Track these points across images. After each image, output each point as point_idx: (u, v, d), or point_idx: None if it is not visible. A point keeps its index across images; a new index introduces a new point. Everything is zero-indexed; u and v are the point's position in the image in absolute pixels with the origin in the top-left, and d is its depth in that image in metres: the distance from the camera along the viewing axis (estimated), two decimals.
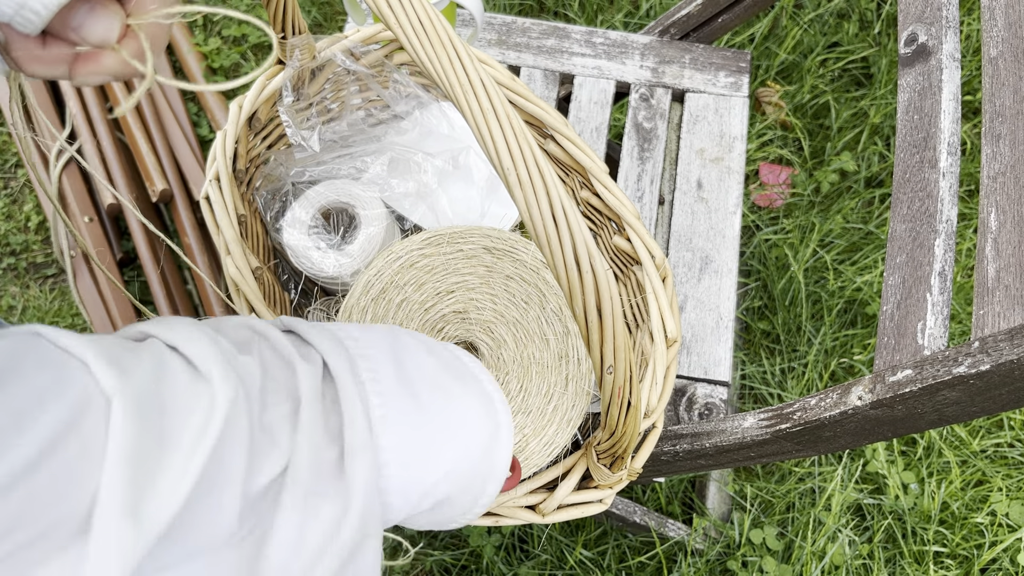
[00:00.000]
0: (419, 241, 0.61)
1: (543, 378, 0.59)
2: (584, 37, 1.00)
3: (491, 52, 0.99)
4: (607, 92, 0.97)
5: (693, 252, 0.88)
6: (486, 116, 0.41)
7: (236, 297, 0.67)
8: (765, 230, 1.37)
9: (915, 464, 1.20)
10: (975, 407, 0.50)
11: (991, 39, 0.57)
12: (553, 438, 0.58)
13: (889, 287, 0.56)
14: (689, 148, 0.93)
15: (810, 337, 1.29)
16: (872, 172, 1.42)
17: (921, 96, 0.61)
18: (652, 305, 0.68)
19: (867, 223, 1.37)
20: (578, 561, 1.14)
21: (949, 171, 0.57)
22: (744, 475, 1.22)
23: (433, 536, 1.19)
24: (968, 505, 1.17)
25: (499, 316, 0.60)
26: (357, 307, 0.60)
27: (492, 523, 0.61)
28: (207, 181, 0.69)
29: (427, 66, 0.42)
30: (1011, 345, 0.44)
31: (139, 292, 1.34)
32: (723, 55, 0.99)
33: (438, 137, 0.75)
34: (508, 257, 0.60)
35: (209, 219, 0.68)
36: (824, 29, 1.52)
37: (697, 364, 0.82)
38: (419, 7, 0.43)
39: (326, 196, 0.72)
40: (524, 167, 0.41)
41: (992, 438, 1.22)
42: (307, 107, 0.74)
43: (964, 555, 1.15)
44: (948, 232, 0.55)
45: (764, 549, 1.14)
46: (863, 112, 1.47)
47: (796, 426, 0.58)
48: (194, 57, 1.50)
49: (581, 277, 0.42)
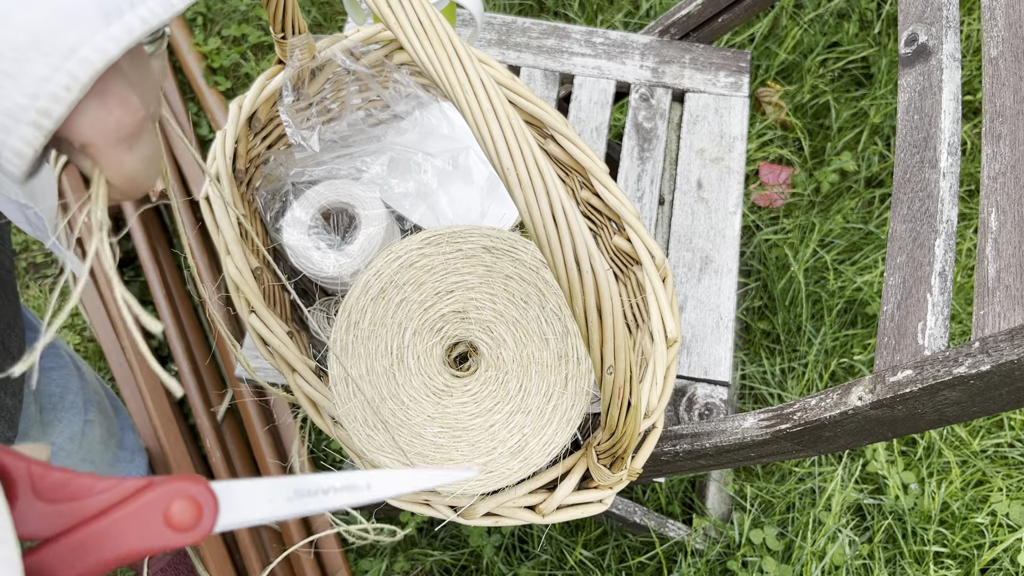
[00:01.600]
0: (418, 241, 0.60)
1: (543, 377, 0.58)
2: (584, 37, 1.00)
3: (491, 52, 0.99)
4: (607, 92, 0.97)
5: (693, 252, 0.87)
6: (486, 117, 0.41)
7: (236, 297, 0.67)
8: (765, 230, 1.37)
9: (915, 464, 1.20)
10: (975, 407, 0.50)
11: (991, 39, 0.57)
12: (552, 438, 0.58)
13: (889, 287, 0.56)
14: (689, 148, 0.93)
15: (810, 337, 1.29)
16: (872, 172, 1.42)
17: (921, 96, 0.61)
18: (652, 305, 0.68)
19: (867, 223, 1.37)
20: (578, 561, 1.14)
21: (949, 171, 0.57)
22: (744, 475, 1.22)
23: (433, 536, 1.19)
24: (968, 505, 1.17)
25: (498, 315, 0.60)
26: (356, 306, 0.60)
27: (492, 523, 0.61)
28: (207, 181, 0.69)
29: (427, 66, 0.42)
30: (1011, 345, 0.44)
31: (139, 292, 1.34)
32: (723, 55, 0.98)
33: (438, 137, 0.75)
34: (507, 257, 0.60)
35: (209, 219, 0.68)
36: (824, 29, 1.52)
37: (697, 364, 0.82)
38: (419, 7, 0.43)
39: (326, 196, 0.72)
40: (524, 167, 0.41)
41: (992, 438, 1.22)
42: (307, 107, 0.74)
43: (964, 555, 1.15)
44: (948, 232, 0.55)
45: (764, 549, 1.14)
46: (863, 112, 1.47)
47: (796, 426, 0.58)
48: (194, 57, 1.50)
49: (581, 277, 0.42)
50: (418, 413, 0.59)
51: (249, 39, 1.55)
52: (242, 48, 1.54)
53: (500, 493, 0.59)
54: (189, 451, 1.19)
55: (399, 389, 0.59)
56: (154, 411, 1.20)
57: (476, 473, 0.52)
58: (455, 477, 0.37)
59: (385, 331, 0.60)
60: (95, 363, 1.30)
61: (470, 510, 0.59)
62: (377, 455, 0.58)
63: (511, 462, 0.57)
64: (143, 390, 1.21)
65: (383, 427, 0.58)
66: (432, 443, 0.58)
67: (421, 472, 0.36)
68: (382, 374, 0.59)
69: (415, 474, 0.36)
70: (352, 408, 0.59)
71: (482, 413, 0.59)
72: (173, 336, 1.25)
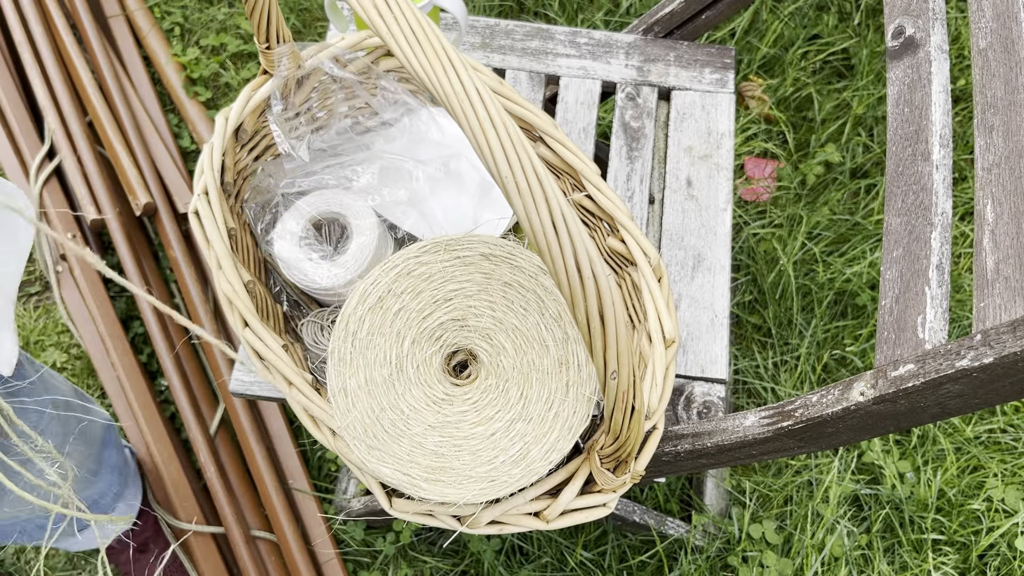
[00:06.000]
0: (416, 249, 0.60)
1: (543, 384, 0.58)
2: (568, 38, 0.99)
3: (475, 55, 0.99)
4: (593, 92, 0.97)
5: (685, 250, 0.87)
6: (483, 125, 0.40)
7: (229, 312, 0.66)
8: (752, 225, 1.37)
9: (910, 453, 1.20)
10: (978, 399, 0.50)
11: (980, 30, 0.57)
12: (555, 445, 0.57)
13: (887, 281, 0.56)
14: (677, 146, 0.93)
15: (801, 330, 1.29)
16: (857, 163, 1.43)
17: (911, 89, 0.61)
18: (649, 306, 0.67)
19: (854, 214, 1.38)
20: (578, 562, 1.14)
21: (942, 163, 0.57)
22: (741, 470, 1.22)
23: (432, 543, 1.19)
24: (964, 492, 1.18)
25: (498, 323, 0.59)
26: (354, 316, 0.60)
27: (496, 531, 0.61)
28: (195, 195, 0.68)
29: (421, 76, 0.42)
30: (1014, 337, 0.44)
31: (125, 307, 1.33)
32: (708, 52, 0.98)
33: (428, 144, 0.74)
34: (506, 263, 0.59)
35: (199, 234, 0.67)
36: (804, 22, 1.52)
37: (693, 362, 0.82)
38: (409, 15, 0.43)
39: (317, 206, 0.71)
40: (522, 174, 0.41)
41: (985, 424, 1.22)
42: (294, 116, 0.74)
43: (962, 542, 1.15)
44: (944, 225, 0.55)
45: (764, 543, 1.14)
46: (846, 103, 1.47)
47: (798, 423, 0.58)
48: (173, 68, 1.49)
49: (583, 283, 0.41)
50: (418, 423, 0.58)
51: (228, 48, 1.54)
52: (221, 58, 1.53)
53: (504, 500, 0.59)
54: (183, 466, 1.18)
55: (399, 399, 0.59)
56: (146, 427, 1.19)
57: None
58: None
59: (384, 340, 0.60)
60: (83, 380, 1.28)
61: (475, 520, 0.59)
62: (377, 466, 0.57)
63: (513, 470, 0.57)
64: (134, 407, 1.20)
65: (383, 438, 0.58)
66: (433, 452, 0.58)
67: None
68: (381, 384, 0.59)
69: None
70: (351, 419, 0.58)
71: (483, 421, 0.58)
72: (163, 351, 1.24)
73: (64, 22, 1.45)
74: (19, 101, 1.40)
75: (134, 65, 1.49)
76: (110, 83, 1.41)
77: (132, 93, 1.44)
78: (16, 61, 1.45)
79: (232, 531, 1.15)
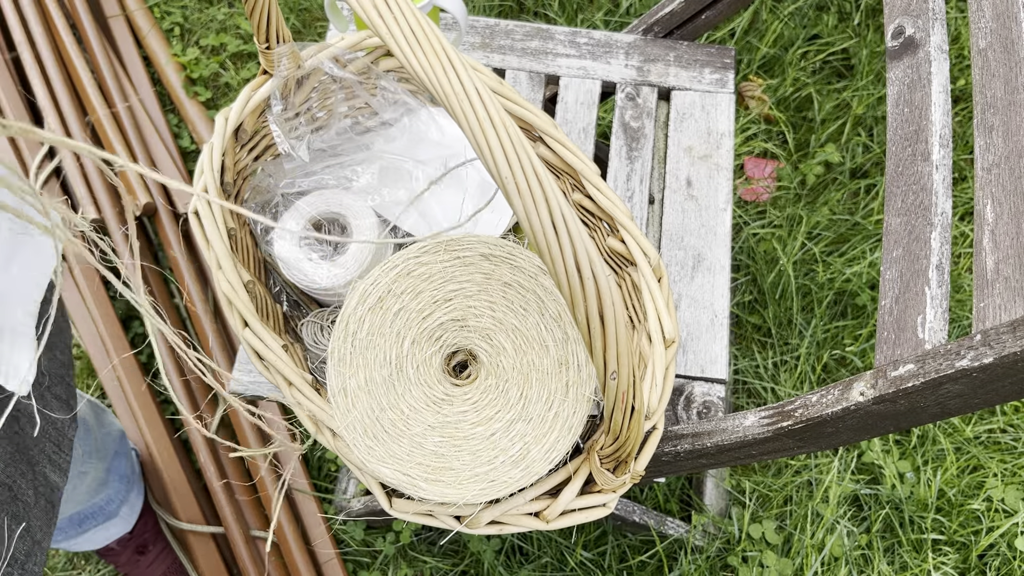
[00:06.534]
0: (416, 249, 0.60)
1: (543, 385, 0.58)
2: (568, 38, 0.99)
3: (475, 55, 0.99)
4: (593, 92, 0.97)
5: (685, 250, 0.87)
6: (483, 126, 0.40)
7: (229, 312, 0.66)
8: (752, 225, 1.37)
9: (910, 453, 1.20)
10: (978, 399, 0.50)
11: (980, 30, 0.57)
12: (554, 445, 0.57)
13: (887, 281, 0.56)
14: (677, 146, 0.93)
15: (801, 329, 1.29)
16: (857, 163, 1.43)
17: (911, 89, 0.61)
18: (649, 306, 0.67)
19: (854, 214, 1.38)
20: (578, 562, 1.14)
21: (942, 164, 0.57)
22: (741, 470, 1.22)
23: (431, 543, 1.19)
24: (964, 492, 1.18)
25: (498, 323, 0.59)
26: (354, 317, 0.60)
27: (496, 531, 0.61)
28: (195, 195, 0.68)
29: (421, 77, 0.42)
30: (1014, 337, 0.44)
31: (125, 308, 1.33)
32: (708, 52, 0.98)
33: (428, 144, 0.74)
34: (506, 264, 0.59)
35: (199, 234, 0.67)
36: (804, 22, 1.53)
37: (693, 362, 0.82)
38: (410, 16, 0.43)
39: (316, 207, 0.71)
40: (522, 174, 0.41)
41: (985, 424, 1.22)
42: (294, 116, 0.74)
43: (962, 542, 1.15)
44: (944, 225, 0.55)
45: (764, 543, 1.14)
46: (845, 103, 1.47)
47: (798, 423, 0.58)
48: (173, 68, 1.49)
49: (583, 283, 0.41)
50: (418, 423, 0.58)
51: (228, 48, 1.54)
52: (221, 58, 1.53)
53: (504, 500, 0.59)
54: (183, 466, 1.18)
55: (399, 399, 0.59)
56: (146, 427, 1.19)
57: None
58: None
59: (383, 340, 0.60)
60: (83, 380, 1.28)
61: (475, 520, 0.59)
62: (377, 466, 0.57)
63: (513, 470, 0.57)
64: (134, 407, 1.20)
65: (383, 438, 0.58)
66: (433, 453, 0.58)
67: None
68: (381, 384, 0.59)
69: None
70: (351, 419, 0.58)
71: (483, 422, 0.58)
72: (163, 351, 1.24)
73: (64, 22, 1.45)
74: (19, 101, 1.40)
75: (134, 65, 1.49)
76: (110, 83, 1.41)
77: (132, 93, 1.44)
78: (16, 61, 1.45)
79: (232, 531, 1.15)
